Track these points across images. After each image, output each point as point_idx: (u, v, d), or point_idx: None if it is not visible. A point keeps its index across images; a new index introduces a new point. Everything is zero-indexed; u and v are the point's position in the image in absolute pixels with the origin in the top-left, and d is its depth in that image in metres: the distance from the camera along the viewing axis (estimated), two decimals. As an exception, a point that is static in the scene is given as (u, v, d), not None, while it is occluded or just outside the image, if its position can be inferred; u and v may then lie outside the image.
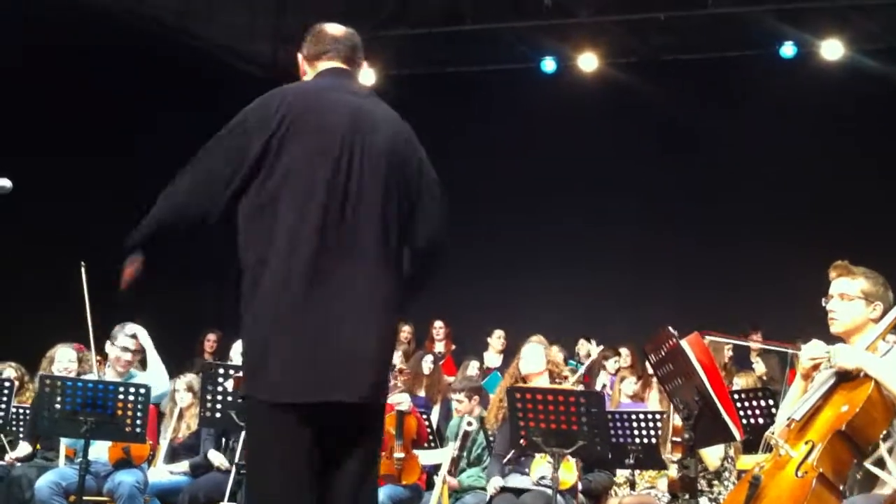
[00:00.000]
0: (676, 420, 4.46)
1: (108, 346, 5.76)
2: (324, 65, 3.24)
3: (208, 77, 10.17)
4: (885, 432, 3.56)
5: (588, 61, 10.72)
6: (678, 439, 4.56)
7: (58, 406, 5.07)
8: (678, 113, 10.42)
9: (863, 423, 3.52)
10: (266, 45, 11.19)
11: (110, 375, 5.69)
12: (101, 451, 5.52)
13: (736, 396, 5.19)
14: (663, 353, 3.85)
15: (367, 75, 11.11)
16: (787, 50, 10.26)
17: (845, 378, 3.58)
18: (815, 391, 3.64)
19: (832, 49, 10.08)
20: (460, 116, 10.86)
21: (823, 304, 3.79)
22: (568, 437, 4.83)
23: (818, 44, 10.16)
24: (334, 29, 3.29)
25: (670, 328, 3.86)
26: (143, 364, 5.88)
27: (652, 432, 5.39)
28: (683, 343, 3.68)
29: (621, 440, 5.35)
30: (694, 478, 3.82)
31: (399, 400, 5.73)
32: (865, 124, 9.86)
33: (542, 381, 5.59)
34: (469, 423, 6.23)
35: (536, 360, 5.68)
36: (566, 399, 4.89)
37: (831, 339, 3.76)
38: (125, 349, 5.70)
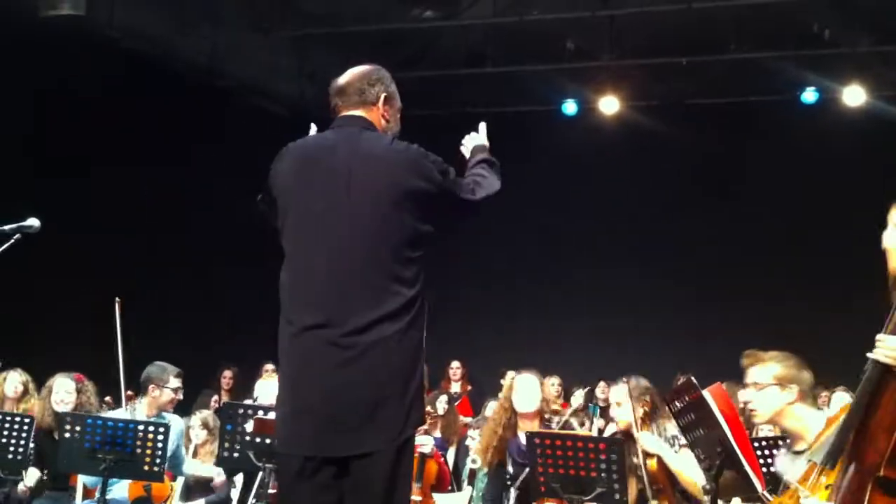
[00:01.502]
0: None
1: (152, 389, 5.74)
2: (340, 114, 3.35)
3: (235, 117, 10.30)
4: None
5: (609, 104, 10.77)
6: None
7: (76, 445, 5.08)
8: (699, 157, 10.44)
9: None
10: (291, 84, 11.31)
11: (140, 413, 5.71)
12: (121, 489, 5.52)
13: (757, 444, 5.14)
14: (685, 403, 3.83)
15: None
16: (809, 95, 10.28)
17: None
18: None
19: (854, 95, 10.10)
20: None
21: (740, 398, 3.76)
22: (587, 484, 4.80)
23: (840, 89, 10.18)
24: (340, 78, 3.48)
25: (692, 378, 3.85)
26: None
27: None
28: (706, 393, 3.66)
29: None
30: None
31: (423, 442, 5.61)
32: (884, 168, 9.86)
33: (533, 426, 5.45)
34: (473, 461, 6.20)
35: (531, 396, 5.52)
36: (585, 445, 4.86)
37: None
38: (177, 389, 5.75)
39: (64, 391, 6.07)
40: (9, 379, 6.81)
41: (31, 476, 5.83)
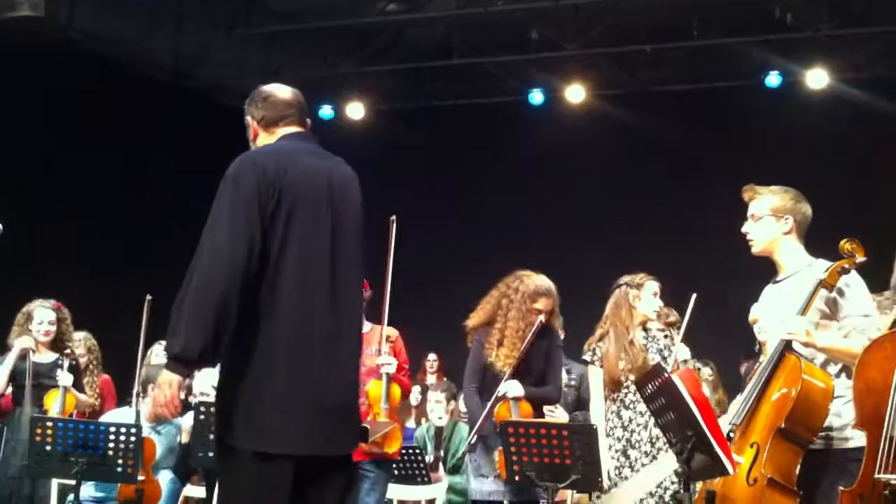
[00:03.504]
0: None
1: (151, 388, 5.73)
2: (283, 130, 3.32)
3: (203, 116, 10.28)
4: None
5: (576, 93, 10.80)
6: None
7: (48, 448, 5.05)
8: (666, 143, 10.50)
9: (802, 415, 3.49)
10: (259, 82, 11.24)
11: (144, 413, 5.71)
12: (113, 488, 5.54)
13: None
14: (655, 388, 3.85)
15: (356, 110, 11.20)
16: (773, 79, 10.36)
17: (782, 361, 3.58)
18: (751, 387, 3.66)
19: (817, 78, 10.18)
20: (449, 150, 10.92)
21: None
22: (561, 471, 4.83)
23: (803, 73, 10.26)
24: (284, 92, 3.39)
25: (661, 363, 3.87)
26: None
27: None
28: (675, 378, 3.68)
29: None
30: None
31: (387, 361, 5.29)
32: (849, 150, 9.96)
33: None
34: (439, 418, 6.19)
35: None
36: (559, 433, 4.90)
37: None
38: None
39: (47, 321, 6.15)
40: None
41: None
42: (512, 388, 5.27)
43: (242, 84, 11.26)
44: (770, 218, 3.85)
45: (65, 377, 5.99)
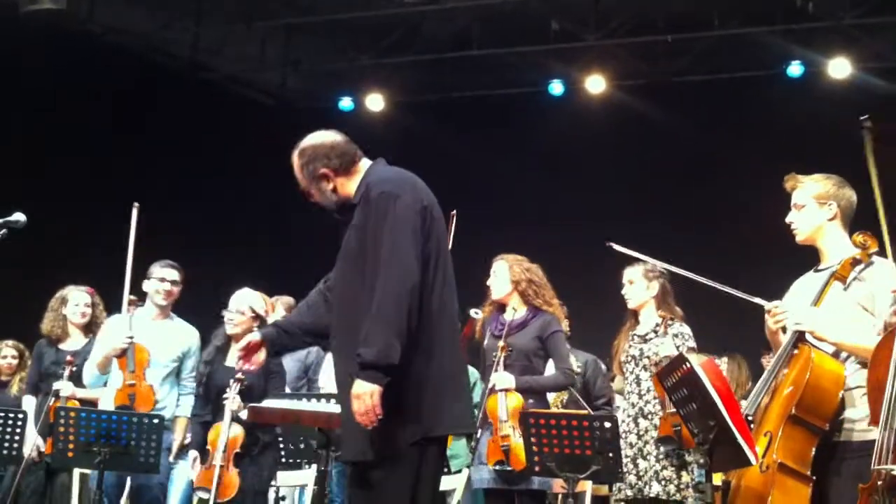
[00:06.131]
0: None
1: (144, 285, 5.74)
2: (362, 164, 3.65)
3: (221, 108, 10.31)
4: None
5: (596, 83, 10.76)
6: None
7: (72, 437, 5.08)
8: (687, 134, 10.43)
9: (813, 401, 3.50)
10: (276, 74, 11.29)
11: (141, 318, 5.66)
12: (108, 400, 5.57)
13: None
14: (677, 379, 3.84)
15: (376, 102, 11.20)
16: (795, 69, 10.28)
17: (794, 352, 3.61)
18: (764, 378, 3.67)
19: (839, 68, 10.09)
20: (469, 142, 10.89)
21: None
22: (582, 462, 4.83)
23: (825, 62, 10.18)
24: (336, 135, 3.68)
25: (683, 353, 3.86)
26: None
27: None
28: (697, 368, 3.66)
29: None
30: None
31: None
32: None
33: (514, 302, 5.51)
34: None
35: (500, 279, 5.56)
36: (580, 423, 4.90)
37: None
38: (164, 280, 5.69)
39: (83, 304, 6.20)
40: (2, 352, 6.90)
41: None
42: (501, 379, 5.28)
43: (261, 76, 11.35)
44: (813, 205, 3.82)
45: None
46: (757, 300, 3.91)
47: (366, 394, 3.27)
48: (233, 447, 5.43)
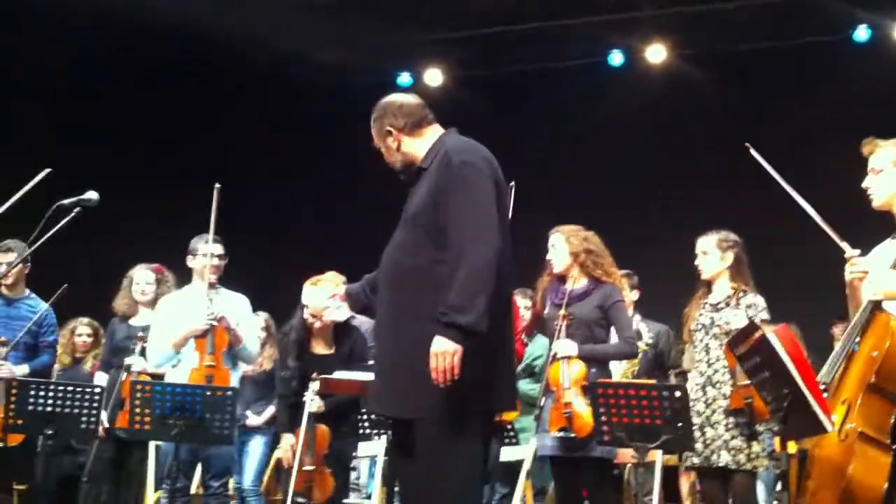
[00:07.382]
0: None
1: (189, 260, 5.85)
2: (431, 129, 3.71)
3: (278, 89, 10.37)
4: None
5: (656, 53, 10.64)
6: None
7: (147, 410, 5.19)
8: (751, 102, 10.27)
9: (893, 370, 3.45)
10: (332, 53, 11.30)
11: (190, 291, 5.77)
12: (182, 377, 5.63)
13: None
14: (749, 347, 3.81)
15: (435, 77, 11.19)
16: (861, 34, 10.06)
17: (872, 318, 3.56)
18: (841, 345, 3.63)
19: (907, 30, 9.86)
20: (527, 115, 10.83)
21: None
22: (652, 432, 4.82)
23: (892, 25, 9.93)
24: (412, 97, 3.78)
25: (755, 320, 3.82)
26: None
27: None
28: (770, 335, 3.62)
29: None
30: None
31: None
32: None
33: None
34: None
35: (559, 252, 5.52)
36: (649, 393, 4.89)
37: None
38: (210, 255, 5.76)
39: (144, 282, 6.32)
40: (78, 330, 7.10)
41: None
42: (563, 347, 5.28)
43: (316, 56, 11.36)
44: (892, 170, 3.78)
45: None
46: (844, 245, 3.83)
47: (448, 352, 3.25)
48: (321, 448, 5.47)
